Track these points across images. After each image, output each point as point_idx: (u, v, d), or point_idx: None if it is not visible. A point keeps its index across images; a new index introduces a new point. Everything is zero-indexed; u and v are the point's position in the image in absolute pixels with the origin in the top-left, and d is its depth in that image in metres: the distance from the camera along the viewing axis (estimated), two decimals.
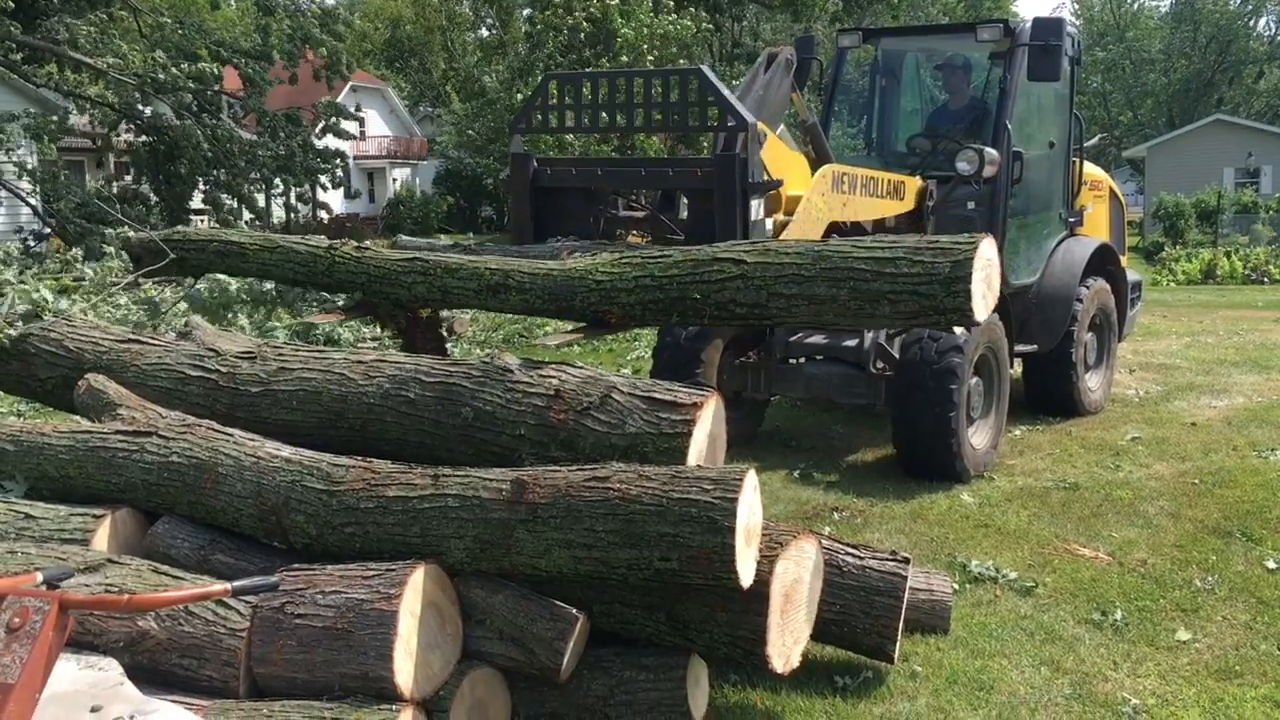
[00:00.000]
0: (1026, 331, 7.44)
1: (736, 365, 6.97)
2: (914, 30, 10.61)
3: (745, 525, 2.95)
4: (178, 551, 3.50)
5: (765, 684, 3.77)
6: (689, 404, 3.30)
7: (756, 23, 38.49)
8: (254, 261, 4.93)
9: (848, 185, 5.82)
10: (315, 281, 4.86)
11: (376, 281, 4.57)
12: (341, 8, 21.72)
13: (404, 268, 4.49)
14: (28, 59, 18.72)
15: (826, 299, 3.68)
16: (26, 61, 18.62)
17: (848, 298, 3.65)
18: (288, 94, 22.07)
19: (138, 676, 2.85)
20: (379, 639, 2.93)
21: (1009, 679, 3.89)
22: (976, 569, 4.87)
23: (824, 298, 3.69)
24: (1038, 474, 6.43)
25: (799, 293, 3.71)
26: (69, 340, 4.38)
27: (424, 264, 4.44)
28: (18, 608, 2.13)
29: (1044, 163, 7.66)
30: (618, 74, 5.43)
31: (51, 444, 3.80)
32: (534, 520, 3.05)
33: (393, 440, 3.67)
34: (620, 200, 5.78)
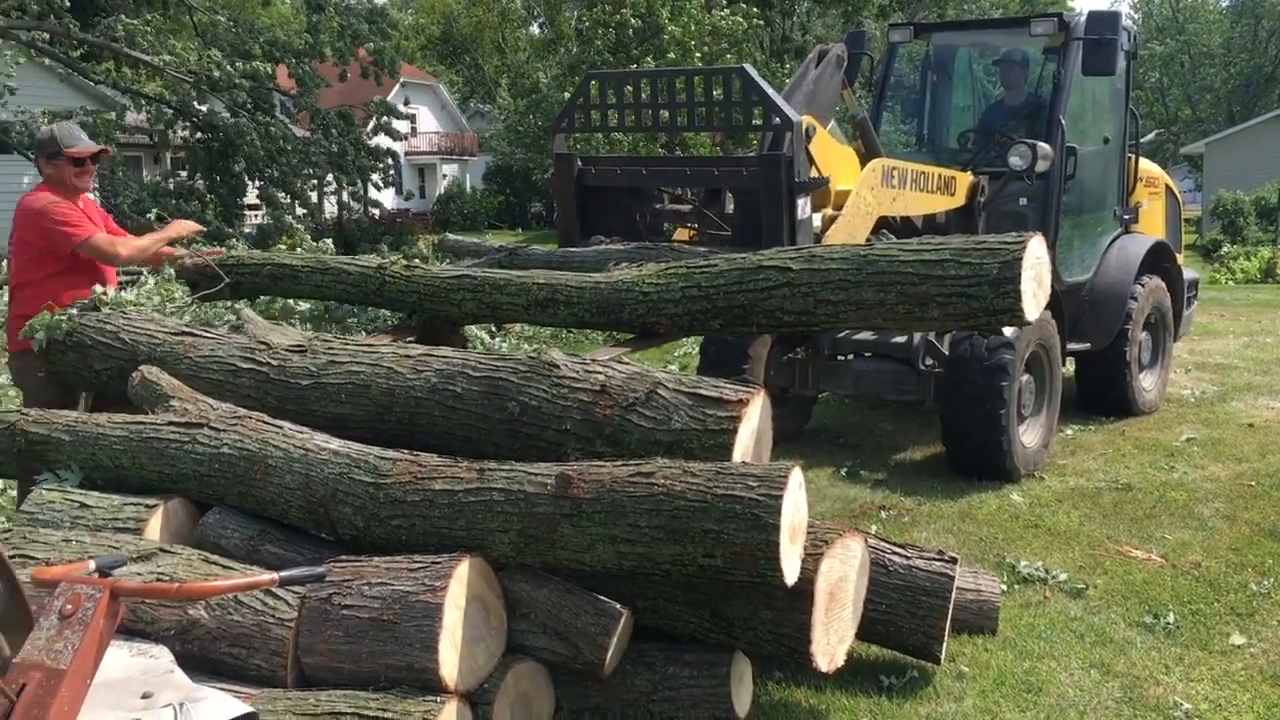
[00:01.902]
0: (1079, 329, 7.34)
1: (784, 361, 6.93)
2: (967, 25, 10.49)
3: (790, 523, 2.93)
4: (228, 541, 3.54)
5: (809, 682, 3.75)
6: (735, 400, 3.29)
7: (807, 18, 38.27)
8: (307, 283, 5.04)
9: (898, 180, 5.78)
10: (367, 300, 4.96)
11: (427, 299, 4.65)
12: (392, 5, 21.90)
13: (453, 285, 4.55)
14: (86, 56, 19.07)
15: (874, 303, 3.67)
16: (85, 59, 18.97)
17: (895, 301, 3.64)
18: (339, 92, 22.29)
19: (188, 664, 2.90)
20: (424, 631, 2.94)
21: (1058, 681, 3.83)
22: (1026, 570, 4.81)
23: (872, 302, 3.68)
24: (1090, 474, 6.34)
25: (846, 298, 3.71)
26: (124, 332, 4.45)
27: (473, 280, 4.51)
28: (70, 595, 2.17)
29: (1098, 159, 7.55)
30: (660, 73, 5.43)
31: (106, 434, 3.86)
32: (578, 515, 3.06)
33: (439, 434, 3.70)
34: (665, 195, 5.78)
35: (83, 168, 4.88)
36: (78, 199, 4.91)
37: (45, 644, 2.11)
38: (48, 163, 4.88)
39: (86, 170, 4.91)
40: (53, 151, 4.83)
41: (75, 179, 4.87)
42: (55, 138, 4.85)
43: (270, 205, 20.17)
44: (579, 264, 4.94)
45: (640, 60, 24.65)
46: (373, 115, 21.40)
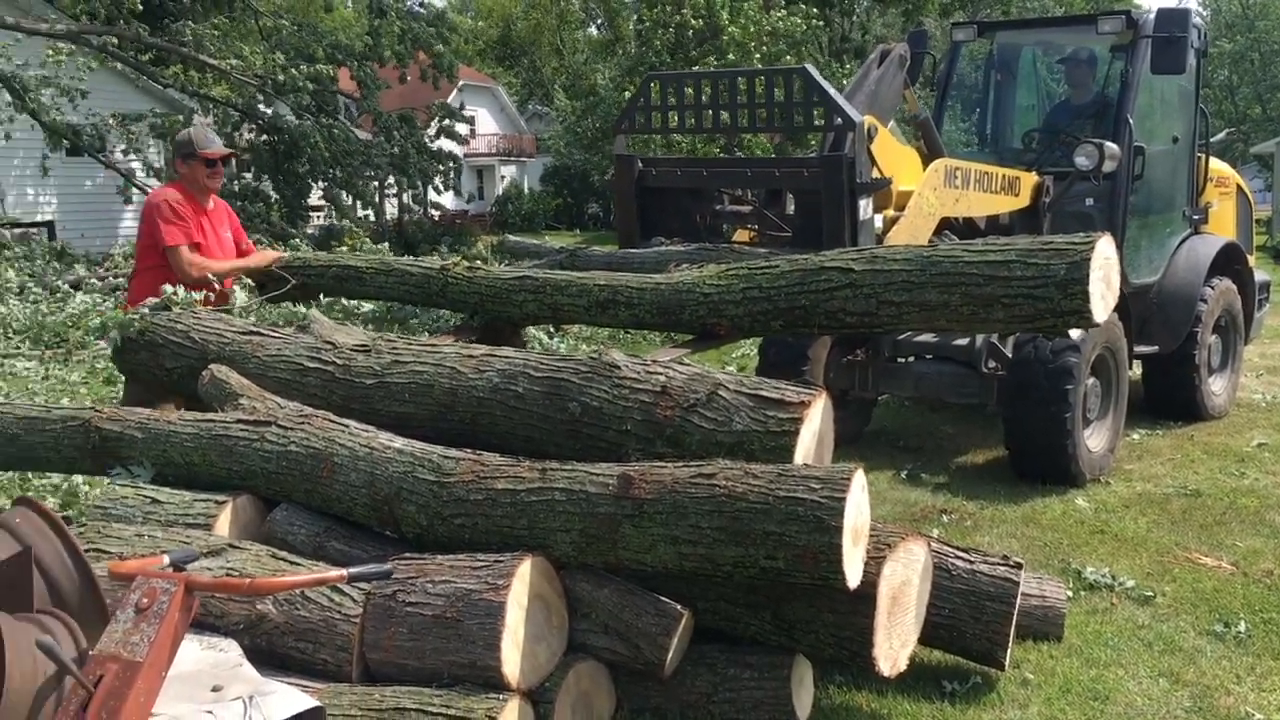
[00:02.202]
0: (1147, 332, 7.22)
1: (844, 363, 6.89)
2: (1031, 23, 10.34)
3: (853, 525, 2.91)
4: (294, 538, 3.60)
5: (871, 686, 3.72)
6: (797, 402, 3.27)
7: (867, 18, 37.99)
8: (371, 284, 5.09)
9: (961, 180, 5.72)
10: (430, 302, 5.00)
11: (489, 300, 4.67)
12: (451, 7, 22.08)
13: (515, 286, 4.57)
14: (155, 60, 19.45)
15: (938, 305, 3.64)
16: (154, 63, 19.35)
17: (960, 303, 3.60)
18: (399, 94, 22.53)
19: (256, 658, 2.95)
20: (487, 629, 2.97)
21: (1125, 690, 3.77)
22: (1092, 576, 4.73)
23: (935, 304, 3.64)
24: (1157, 479, 6.23)
25: (909, 299, 3.68)
26: (195, 331, 4.53)
27: (534, 282, 4.52)
28: (146, 588, 2.21)
29: (1167, 158, 7.41)
30: (721, 74, 5.42)
31: (177, 431, 3.94)
32: (640, 515, 3.06)
33: (501, 433, 3.72)
34: (726, 195, 5.78)
35: (214, 169, 5.19)
36: (207, 198, 5.21)
37: (122, 636, 2.16)
38: (183, 163, 5.18)
39: (217, 171, 5.23)
40: (188, 152, 5.14)
41: (207, 179, 5.19)
42: (191, 139, 5.16)
43: (335, 206, 20.44)
44: (639, 265, 4.95)
45: (699, 61, 24.63)
46: (434, 118, 21.59)
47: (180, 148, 5.21)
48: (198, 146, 5.12)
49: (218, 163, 5.20)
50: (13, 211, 18.63)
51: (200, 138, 5.18)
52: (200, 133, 5.27)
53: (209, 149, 5.15)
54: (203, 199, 5.19)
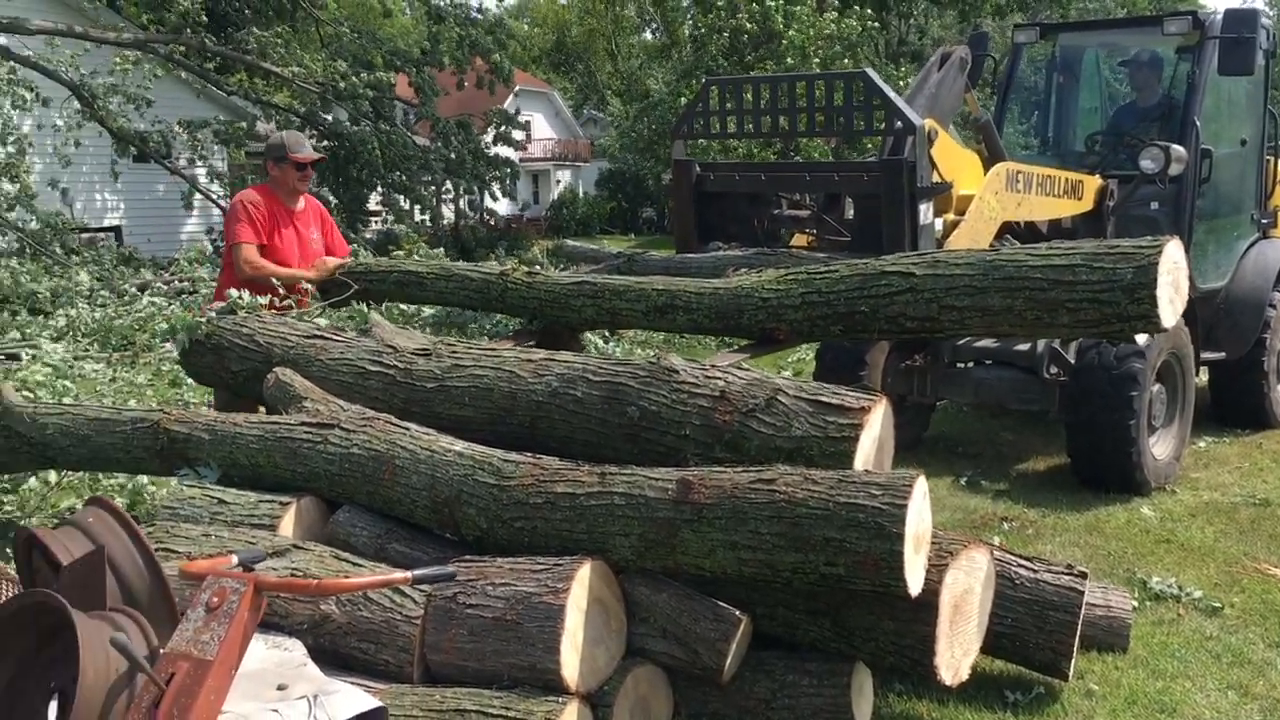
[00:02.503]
0: (1214, 338, 7.08)
1: (902, 368, 6.83)
2: (1095, 24, 10.20)
3: (914, 532, 2.89)
4: (357, 539, 3.64)
5: (932, 695, 3.69)
6: (857, 408, 3.25)
7: (924, 20, 37.67)
8: (431, 289, 5.15)
9: (1023, 184, 5.66)
10: (489, 306, 5.04)
11: (547, 306, 4.70)
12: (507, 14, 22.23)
13: (573, 291, 4.59)
14: (220, 68, 19.81)
15: (1001, 310, 3.60)
16: (219, 71, 19.70)
17: (1023, 308, 3.56)
18: (456, 100, 22.70)
19: (319, 658, 2.99)
20: (546, 632, 2.98)
21: (1193, 702, 3.70)
22: (1158, 586, 4.65)
23: (998, 309, 3.61)
24: (1225, 488, 6.11)
25: (971, 304, 3.64)
26: (260, 335, 4.60)
27: (593, 287, 4.54)
28: (216, 588, 2.25)
29: (1235, 161, 7.28)
30: (780, 78, 5.41)
31: (243, 433, 4.00)
32: (699, 520, 3.06)
33: (560, 437, 3.74)
34: (784, 200, 5.76)
35: (304, 172, 5.39)
36: (296, 200, 5.46)
37: (193, 635, 2.20)
38: (275, 165, 5.41)
39: (307, 175, 5.44)
40: (279, 155, 5.37)
41: (297, 182, 5.41)
42: (284, 143, 5.42)
43: (392, 212, 20.66)
44: (697, 270, 4.95)
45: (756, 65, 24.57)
46: (491, 124, 21.75)
47: (272, 150, 5.45)
48: (289, 150, 5.35)
49: (307, 167, 5.41)
50: (81, 217, 19.05)
51: (292, 141, 5.43)
52: (292, 136, 5.53)
53: (299, 153, 5.37)
54: (290, 201, 5.43)
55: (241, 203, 5.28)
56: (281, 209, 5.38)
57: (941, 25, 38.15)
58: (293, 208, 5.43)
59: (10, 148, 15.13)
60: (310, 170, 5.45)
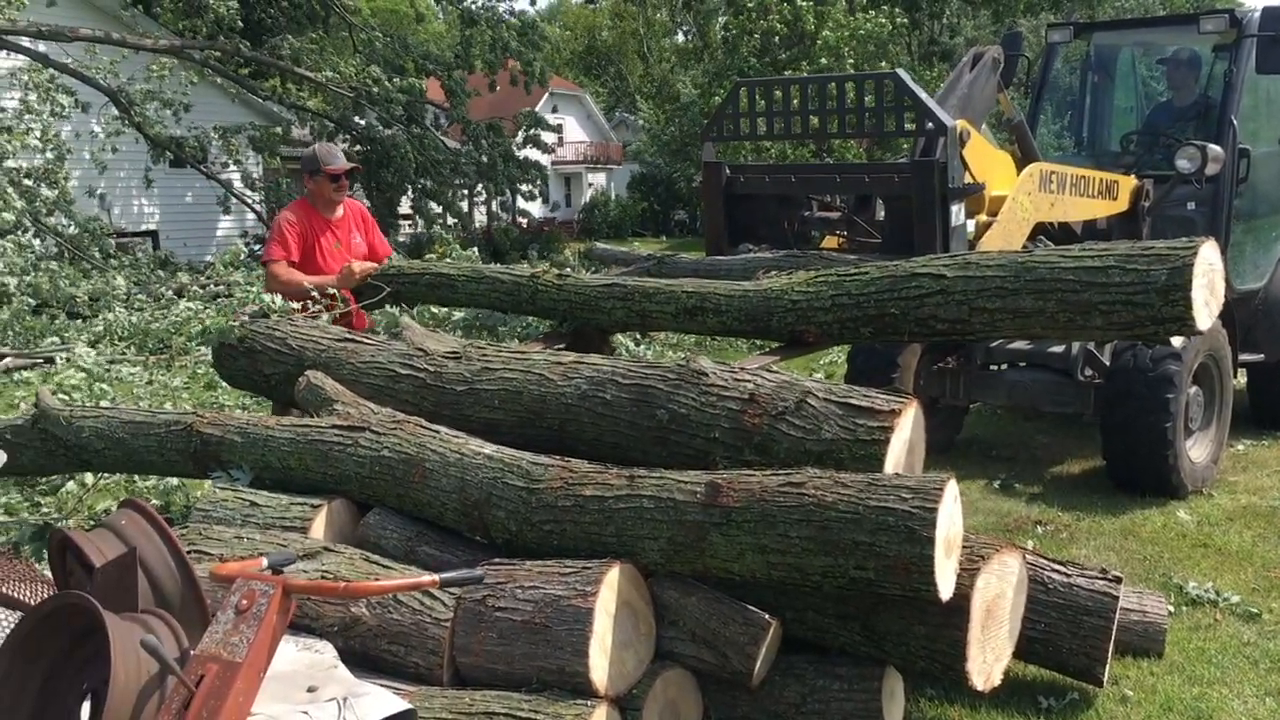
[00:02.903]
0: (1252, 339, 6.99)
1: (934, 370, 6.78)
2: (1130, 23, 10.08)
3: (945, 536, 2.86)
4: (387, 542, 3.65)
5: (964, 701, 3.66)
6: (887, 410, 3.23)
7: (956, 20, 37.43)
8: (462, 291, 5.17)
9: (1056, 184, 5.60)
10: (520, 309, 5.04)
11: (577, 308, 4.70)
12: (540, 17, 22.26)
13: (604, 293, 4.58)
14: (255, 74, 20.00)
15: (1033, 312, 3.56)
16: (254, 76, 19.89)
17: (1055, 310, 3.51)
18: (489, 103, 22.82)
19: (349, 660, 3.00)
20: (575, 635, 2.98)
21: (1230, 709, 3.65)
22: (1194, 591, 4.59)
23: (1030, 311, 3.56)
24: (1263, 492, 6.02)
25: (1002, 306, 3.60)
26: (292, 339, 4.63)
27: (623, 289, 4.53)
28: (246, 590, 2.27)
29: (1273, 161, 7.17)
30: (810, 79, 5.38)
31: (275, 436, 4.03)
32: (728, 524, 3.05)
33: (589, 440, 3.73)
34: (814, 201, 5.73)
35: (338, 183, 5.52)
36: (333, 209, 5.59)
37: (222, 637, 2.21)
38: (310, 178, 5.56)
39: (342, 185, 5.56)
40: (314, 168, 5.51)
41: (333, 193, 5.54)
42: (317, 156, 5.56)
43: (423, 216, 20.77)
44: (727, 272, 4.94)
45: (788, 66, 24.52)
46: (521, 126, 21.83)
47: (306, 164, 5.58)
48: (322, 163, 5.48)
49: (341, 177, 5.52)
50: (118, 222, 19.29)
51: (324, 154, 5.55)
52: (325, 149, 5.65)
53: (332, 165, 5.50)
54: (328, 211, 5.57)
55: (279, 220, 5.50)
56: (319, 220, 5.52)
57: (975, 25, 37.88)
58: (331, 217, 5.57)
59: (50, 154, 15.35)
60: (345, 181, 5.56)
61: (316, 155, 5.55)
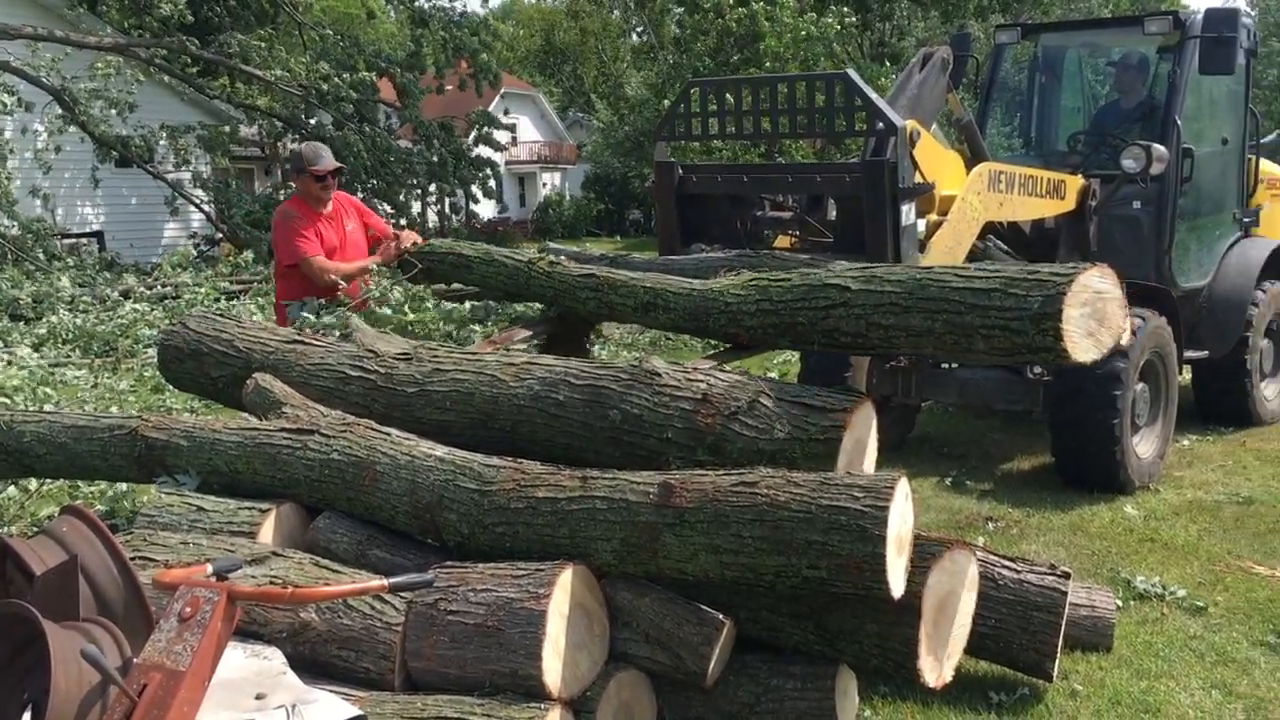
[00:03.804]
0: (1197, 337, 7.11)
1: (887, 369, 6.83)
2: (1076, 25, 10.22)
3: (896, 534, 2.88)
4: (337, 546, 3.61)
5: (916, 697, 3.68)
6: (839, 410, 3.24)
7: (907, 21, 37.73)
8: (477, 272, 5.32)
9: (1005, 184, 5.66)
10: (519, 291, 5.13)
11: (561, 295, 4.79)
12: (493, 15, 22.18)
13: (579, 284, 4.64)
14: (203, 72, 19.74)
15: (923, 331, 3.47)
16: (201, 74, 19.63)
17: (943, 331, 3.42)
18: (442, 102, 22.69)
19: (298, 666, 2.96)
20: (528, 638, 2.96)
21: (1177, 702, 3.70)
22: (1142, 585, 4.65)
23: (920, 330, 3.47)
24: (1208, 486, 6.12)
25: (895, 324, 3.52)
26: (239, 340, 4.57)
27: (595, 280, 4.59)
28: (189, 598, 2.23)
29: (1216, 160, 7.30)
30: (761, 80, 5.39)
31: (222, 440, 3.97)
32: (681, 524, 3.04)
33: (542, 441, 3.71)
34: (767, 201, 5.75)
35: (324, 182, 5.60)
36: (322, 205, 5.65)
37: (165, 645, 2.17)
38: (297, 177, 5.66)
39: (327, 184, 5.62)
40: (299, 167, 5.61)
41: (319, 191, 5.61)
42: (302, 155, 5.64)
43: None
44: (679, 273, 4.94)
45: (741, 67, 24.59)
46: (474, 126, 21.72)
47: (293, 163, 5.67)
48: (307, 163, 5.57)
49: (326, 177, 5.58)
50: (63, 223, 18.96)
51: (310, 154, 5.62)
52: (311, 149, 5.71)
53: (318, 165, 5.56)
54: (318, 206, 5.62)
55: (287, 219, 5.52)
56: (315, 215, 5.61)
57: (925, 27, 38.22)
58: (321, 211, 5.65)
59: None
60: (331, 180, 5.62)
61: (303, 155, 5.63)
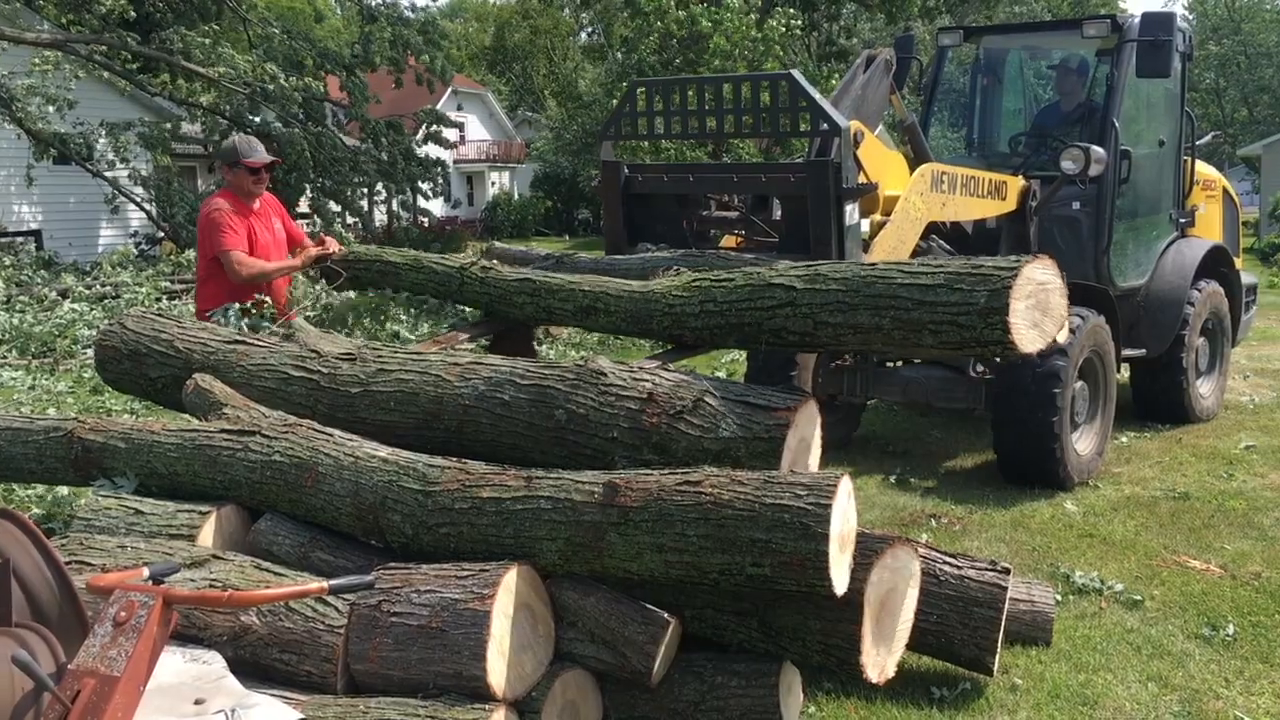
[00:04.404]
0: (1135, 335, 7.23)
1: (832, 368, 6.88)
2: (1017, 28, 10.36)
3: (839, 532, 2.90)
4: (279, 548, 3.57)
5: (860, 693, 3.71)
6: (783, 408, 3.26)
7: (853, 22, 38.05)
8: (405, 279, 5.32)
9: (947, 185, 5.72)
10: (452, 297, 5.15)
11: (496, 300, 4.82)
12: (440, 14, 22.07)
13: (515, 288, 4.68)
14: (144, 69, 19.41)
15: (870, 328, 3.54)
16: (143, 71, 19.31)
17: (891, 327, 3.49)
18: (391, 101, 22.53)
19: (240, 670, 2.93)
20: (473, 639, 2.95)
21: (1114, 694, 3.76)
22: (1080, 580, 4.73)
23: (868, 327, 3.54)
24: (1146, 482, 6.23)
25: (843, 321, 3.58)
26: (179, 341, 4.51)
27: (532, 284, 4.62)
28: (124, 602, 2.19)
29: (1153, 162, 7.43)
30: (707, 80, 5.41)
31: (160, 442, 3.91)
32: (626, 523, 3.05)
33: (487, 441, 3.70)
34: (713, 201, 5.77)
35: (258, 176, 5.49)
36: (253, 201, 5.52)
37: (99, 651, 2.14)
38: (229, 170, 5.51)
39: (261, 179, 5.52)
40: (233, 160, 5.47)
41: (252, 185, 5.49)
42: (236, 148, 5.51)
43: (320, 215, 20.40)
44: (625, 272, 4.94)
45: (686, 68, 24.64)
46: (422, 124, 21.58)
47: (226, 155, 5.54)
48: (241, 155, 5.45)
49: (260, 170, 5.49)
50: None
51: (244, 146, 5.52)
52: (244, 141, 5.61)
53: (251, 158, 5.45)
54: (248, 201, 5.50)
55: (216, 211, 5.34)
56: (245, 209, 5.48)
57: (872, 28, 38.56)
58: (251, 207, 5.53)
59: None
60: (265, 174, 5.53)
61: (236, 148, 5.51)
